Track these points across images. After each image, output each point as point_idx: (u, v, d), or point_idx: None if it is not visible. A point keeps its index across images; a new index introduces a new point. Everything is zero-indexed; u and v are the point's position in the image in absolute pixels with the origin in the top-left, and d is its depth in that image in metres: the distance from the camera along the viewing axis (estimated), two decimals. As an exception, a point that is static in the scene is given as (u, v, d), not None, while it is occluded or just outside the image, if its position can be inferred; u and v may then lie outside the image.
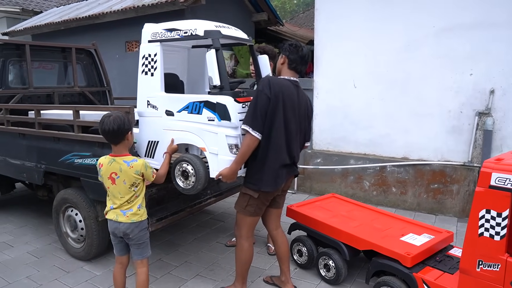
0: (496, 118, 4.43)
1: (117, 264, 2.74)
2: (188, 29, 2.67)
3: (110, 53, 7.58)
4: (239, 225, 2.80)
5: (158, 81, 2.84)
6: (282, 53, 2.69)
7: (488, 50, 4.40)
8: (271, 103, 2.47)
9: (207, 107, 2.58)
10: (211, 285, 3.20)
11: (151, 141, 2.95)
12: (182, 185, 2.75)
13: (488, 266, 2.19)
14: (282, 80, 2.61)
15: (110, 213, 2.58)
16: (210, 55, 2.51)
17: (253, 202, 2.68)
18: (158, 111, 2.86)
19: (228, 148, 2.53)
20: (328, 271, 3.18)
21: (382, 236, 2.99)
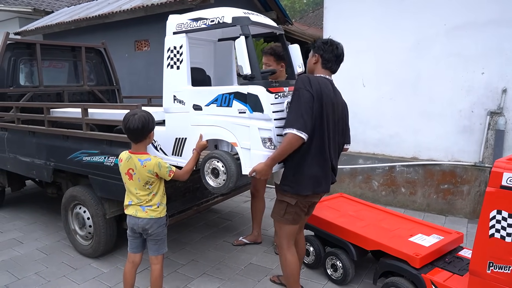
0: (508, 117, 4.35)
1: (128, 263, 2.73)
2: (215, 17, 2.53)
3: (119, 52, 7.62)
4: (279, 235, 2.63)
5: (184, 74, 2.71)
6: (315, 51, 2.50)
7: (501, 48, 4.32)
8: (314, 100, 2.30)
9: (237, 98, 2.44)
10: (218, 283, 3.19)
11: (179, 138, 2.81)
12: (213, 184, 2.62)
13: (499, 268, 2.15)
14: (320, 78, 2.44)
15: (129, 208, 2.61)
16: (239, 43, 2.37)
17: (291, 209, 2.51)
18: (185, 106, 2.73)
19: (261, 142, 2.38)
20: (336, 271, 3.15)
21: (391, 236, 2.95)
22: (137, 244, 2.70)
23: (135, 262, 2.73)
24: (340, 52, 2.49)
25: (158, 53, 7.38)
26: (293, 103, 2.32)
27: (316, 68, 2.52)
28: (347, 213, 3.43)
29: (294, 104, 2.31)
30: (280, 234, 2.61)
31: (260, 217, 3.90)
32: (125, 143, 3.00)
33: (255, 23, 2.59)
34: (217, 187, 2.60)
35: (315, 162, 2.41)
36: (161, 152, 2.92)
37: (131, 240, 2.69)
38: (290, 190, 2.46)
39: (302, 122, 2.25)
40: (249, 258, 3.63)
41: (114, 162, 3.10)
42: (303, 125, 2.25)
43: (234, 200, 4.78)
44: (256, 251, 3.76)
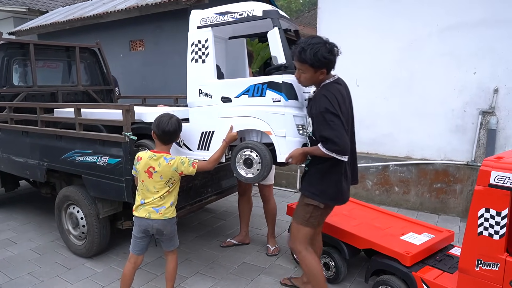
0: (500, 117, 4.39)
1: (130, 263, 2.72)
2: (243, 11, 2.57)
3: (114, 52, 7.61)
4: (298, 238, 2.57)
5: (211, 67, 2.74)
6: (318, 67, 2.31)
7: (493, 48, 4.35)
8: (343, 120, 2.27)
9: (271, 88, 2.49)
10: (211, 283, 3.20)
11: (206, 131, 2.83)
12: (246, 175, 2.63)
13: (487, 266, 2.17)
14: (334, 88, 2.34)
15: (141, 211, 2.60)
16: (273, 34, 2.44)
17: (317, 213, 2.49)
18: (212, 99, 2.74)
19: (296, 128, 2.46)
20: (328, 270, 3.17)
21: (382, 235, 2.98)
22: (143, 246, 2.71)
23: (136, 263, 2.74)
24: (336, 52, 2.36)
25: (153, 53, 7.42)
26: (323, 125, 2.25)
27: (320, 79, 2.39)
28: (340, 212, 3.43)
29: (327, 128, 2.23)
30: (299, 237, 2.57)
31: (248, 217, 3.89)
32: (118, 142, 3.02)
33: (282, 17, 2.62)
34: (251, 178, 2.62)
35: (342, 173, 2.41)
36: (185, 148, 2.95)
37: (139, 242, 2.68)
38: (318, 199, 2.44)
39: (341, 146, 2.22)
40: (243, 257, 3.64)
41: (107, 162, 3.11)
42: (345, 149, 2.24)
43: (228, 199, 4.79)
44: (249, 251, 3.77)
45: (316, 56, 2.26)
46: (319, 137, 2.28)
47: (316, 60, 2.27)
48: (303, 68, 2.34)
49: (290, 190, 5.76)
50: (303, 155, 2.42)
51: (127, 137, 2.91)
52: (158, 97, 5.90)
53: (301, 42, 2.33)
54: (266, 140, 2.61)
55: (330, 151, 2.23)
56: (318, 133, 2.29)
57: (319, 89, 2.38)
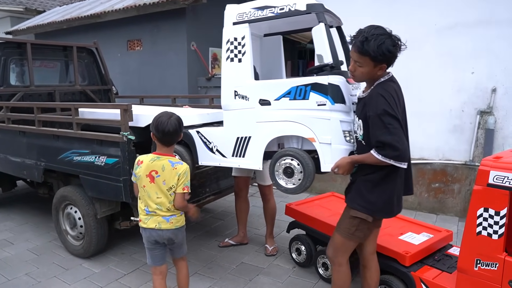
0: (498, 117, 4.40)
1: (156, 276, 2.56)
2: (284, 5, 2.36)
3: (111, 52, 7.58)
4: (340, 250, 2.37)
5: (247, 67, 2.53)
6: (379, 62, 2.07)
7: (490, 48, 4.36)
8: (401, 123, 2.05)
9: (315, 90, 2.27)
10: (209, 283, 3.19)
11: (241, 137, 2.62)
12: (285, 185, 2.44)
13: (486, 265, 2.17)
14: (390, 87, 2.12)
15: (150, 221, 2.41)
16: (318, 30, 2.24)
17: (364, 226, 2.26)
18: (249, 101, 2.54)
19: (342, 135, 2.25)
20: (326, 270, 3.17)
21: (381, 235, 2.93)
22: (161, 255, 2.54)
23: (163, 273, 2.58)
24: (401, 46, 2.13)
25: (151, 53, 7.39)
26: (380, 129, 2.01)
27: (377, 75, 2.15)
28: (338, 211, 3.41)
29: (385, 132, 2.00)
30: (342, 250, 2.36)
31: (245, 217, 3.88)
32: (116, 142, 3.00)
33: (328, 12, 2.43)
34: (291, 188, 2.43)
35: (400, 183, 2.22)
36: (218, 154, 2.76)
37: (154, 253, 2.51)
38: (366, 212, 2.19)
39: (403, 150, 2.01)
40: (241, 257, 3.63)
41: (105, 162, 3.09)
42: (405, 155, 2.04)
43: (227, 199, 4.77)
44: (248, 251, 3.77)
45: (380, 49, 2.01)
46: (375, 143, 2.04)
47: (379, 53, 2.02)
48: (361, 61, 2.08)
49: (288, 190, 5.75)
50: (351, 164, 2.20)
51: (125, 137, 2.90)
52: (156, 97, 5.89)
53: (363, 31, 2.07)
54: (307, 147, 2.43)
55: (387, 157, 2.00)
56: (374, 138, 2.04)
57: (373, 88, 2.13)
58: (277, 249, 3.71)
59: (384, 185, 2.15)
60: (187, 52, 6.89)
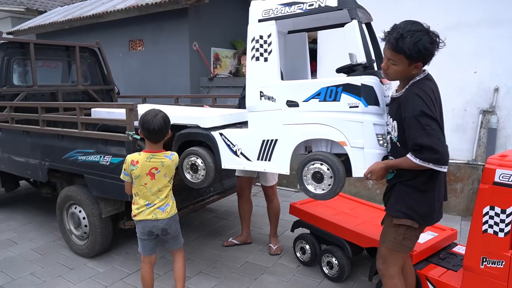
0: (501, 116, 4.41)
1: (145, 264, 2.70)
2: (314, 1, 2.23)
3: (113, 52, 7.59)
4: (390, 262, 2.21)
5: (274, 66, 2.41)
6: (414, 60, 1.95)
7: (493, 47, 4.37)
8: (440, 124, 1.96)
9: (347, 91, 2.15)
10: (215, 282, 3.20)
11: (267, 140, 2.50)
12: (314, 190, 2.33)
13: (492, 263, 2.18)
14: (427, 86, 1.99)
15: (146, 213, 2.52)
16: (351, 28, 2.12)
17: (411, 233, 2.12)
18: (276, 103, 2.42)
19: (376, 139, 2.14)
20: (331, 269, 3.17)
21: (386, 233, 2.98)
22: (152, 246, 2.68)
23: (151, 262, 2.72)
24: (438, 44, 1.98)
25: (153, 52, 7.41)
26: (418, 130, 1.89)
27: (412, 74, 2.04)
28: (343, 211, 3.45)
29: (424, 133, 1.88)
30: (390, 261, 2.21)
31: (248, 217, 3.89)
32: (121, 142, 3.01)
33: (360, 7, 2.30)
34: (320, 194, 2.31)
35: (441, 188, 2.12)
36: (242, 157, 2.64)
37: (147, 243, 2.65)
38: (413, 217, 2.06)
39: (442, 154, 1.88)
40: (245, 256, 3.64)
41: (109, 161, 3.10)
42: (446, 158, 1.91)
43: (230, 199, 4.78)
44: (252, 250, 3.78)
45: (416, 46, 1.89)
46: (413, 146, 1.92)
47: (415, 51, 1.89)
48: (396, 59, 1.97)
49: (291, 190, 5.77)
50: (385, 169, 2.08)
51: (131, 136, 2.90)
52: (158, 97, 5.89)
53: (399, 27, 1.95)
54: (336, 151, 2.32)
55: (426, 161, 1.88)
56: (411, 140, 1.93)
57: (409, 87, 2.02)
58: (281, 248, 3.72)
59: (426, 191, 2.04)
60: (189, 52, 6.90)
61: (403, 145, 2.03)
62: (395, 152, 2.12)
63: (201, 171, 2.78)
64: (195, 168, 2.79)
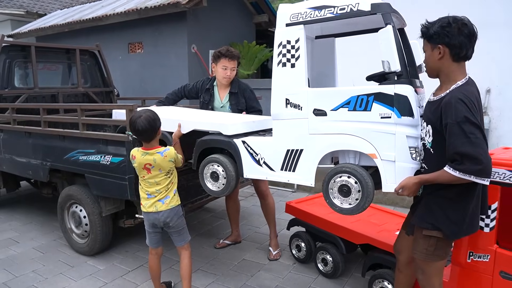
0: (493, 117, 4.51)
1: (152, 255, 2.87)
2: (346, 5, 2.12)
3: (113, 54, 7.69)
4: (429, 275, 2.13)
5: (302, 73, 2.30)
6: (434, 42, 1.95)
7: (484, 50, 4.45)
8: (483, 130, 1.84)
9: (379, 100, 2.03)
10: (212, 278, 3.28)
11: (292, 149, 2.39)
12: (341, 205, 2.21)
13: (478, 257, 2.26)
14: (469, 91, 1.89)
15: (149, 205, 2.70)
16: (386, 33, 1.99)
17: (442, 243, 2.04)
18: (302, 111, 2.30)
19: (409, 152, 2.01)
20: (326, 265, 3.26)
21: (378, 230, 3.07)
22: (158, 239, 2.84)
23: (158, 254, 2.89)
24: (471, 28, 1.94)
25: (152, 55, 7.50)
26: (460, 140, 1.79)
27: (445, 65, 1.98)
28: (337, 209, 3.53)
29: (466, 143, 1.77)
30: (430, 272, 2.13)
31: (237, 217, 3.96)
32: (121, 142, 3.10)
33: (395, 12, 2.21)
34: (347, 208, 2.19)
35: (478, 197, 2.01)
36: (265, 167, 2.52)
37: (152, 236, 2.82)
38: (445, 231, 1.98)
39: (486, 163, 1.78)
40: (242, 254, 3.73)
41: (110, 161, 3.18)
42: (489, 170, 1.80)
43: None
44: (249, 248, 3.86)
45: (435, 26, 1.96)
46: (453, 155, 1.81)
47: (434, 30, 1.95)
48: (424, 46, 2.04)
49: (288, 190, 5.85)
50: (418, 185, 1.97)
51: (130, 136, 2.98)
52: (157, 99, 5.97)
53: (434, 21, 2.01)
54: (365, 163, 2.20)
55: (467, 173, 1.77)
56: (452, 149, 1.81)
57: (450, 91, 1.92)
58: (281, 254, 3.68)
59: (458, 202, 1.95)
60: (188, 55, 7.00)
61: (437, 152, 1.95)
62: (428, 158, 2.03)
63: (221, 179, 2.68)
64: (216, 176, 2.70)
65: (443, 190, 1.94)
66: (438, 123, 1.90)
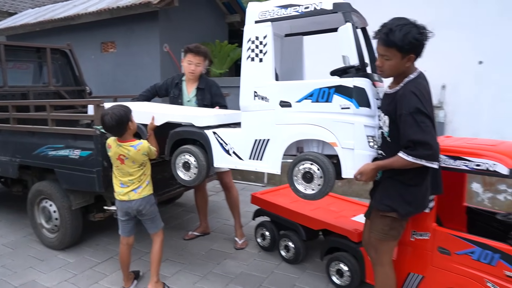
0: (448, 111, 4.79)
1: (123, 245, 2.98)
2: (310, 4, 2.27)
3: (85, 54, 7.70)
4: (380, 251, 2.35)
5: (269, 67, 2.44)
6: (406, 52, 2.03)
7: (438, 49, 4.73)
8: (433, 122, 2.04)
9: (339, 93, 2.18)
10: (179, 267, 3.41)
11: (259, 139, 2.53)
12: (304, 190, 2.35)
13: (420, 236, 2.48)
14: (421, 85, 2.08)
15: (122, 195, 2.82)
16: (345, 30, 2.15)
17: (398, 223, 2.24)
18: (269, 103, 2.45)
19: (366, 140, 2.18)
20: (288, 252, 3.43)
21: (336, 217, 3.26)
22: (130, 227, 2.96)
23: (129, 243, 2.99)
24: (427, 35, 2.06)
25: (124, 54, 7.55)
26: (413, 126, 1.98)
27: (406, 67, 2.11)
28: (300, 199, 3.69)
29: (418, 130, 1.96)
30: (382, 250, 2.34)
31: (205, 209, 4.11)
32: (89, 136, 3.19)
33: (355, 11, 2.35)
34: (310, 194, 2.33)
35: (432, 178, 2.23)
36: (234, 156, 2.66)
37: (125, 224, 2.93)
38: (401, 211, 2.18)
39: (433, 152, 1.99)
40: (210, 244, 3.87)
41: (79, 155, 3.27)
42: (437, 154, 2.04)
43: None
44: (217, 239, 4.01)
45: (406, 38, 1.98)
46: (406, 142, 2.00)
47: (406, 43, 1.99)
48: (388, 53, 2.06)
49: (258, 185, 6.02)
50: (375, 171, 2.14)
51: (98, 131, 3.08)
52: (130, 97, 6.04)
53: (387, 24, 2.07)
54: (328, 152, 2.33)
55: (419, 157, 1.97)
56: (405, 137, 2.01)
57: (404, 85, 2.10)
58: (247, 243, 3.85)
59: (413, 185, 2.16)
60: (160, 54, 7.09)
61: (394, 140, 2.12)
62: (386, 146, 2.20)
63: (193, 169, 2.80)
64: (188, 166, 2.82)
65: (398, 175, 2.13)
66: (394, 114, 2.08)
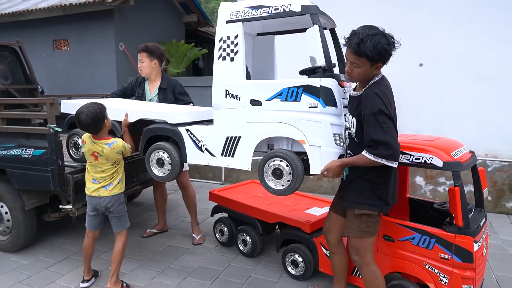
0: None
1: (88, 237, 3.01)
2: (279, 5, 2.34)
3: (37, 51, 7.45)
4: (362, 250, 2.38)
5: (240, 66, 2.51)
6: (376, 61, 2.11)
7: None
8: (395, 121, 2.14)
9: (307, 92, 2.27)
10: (137, 264, 3.44)
11: (231, 137, 2.61)
12: (274, 186, 2.44)
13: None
14: (384, 86, 2.17)
15: (92, 190, 2.84)
16: (312, 32, 2.23)
17: (372, 219, 2.33)
18: (240, 101, 2.52)
19: (333, 138, 2.27)
20: (245, 246, 3.55)
21: (290, 210, 3.42)
22: (97, 222, 2.98)
23: (94, 236, 3.03)
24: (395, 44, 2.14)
25: (78, 52, 7.39)
26: (375, 127, 2.08)
27: (373, 74, 2.20)
28: (256, 195, 3.84)
29: (380, 131, 2.06)
30: (363, 249, 2.38)
31: (164, 206, 4.16)
32: (43, 134, 3.15)
33: (323, 14, 2.44)
34: (280, 190, 2.43)
35: (395, 176, 2.34)
36: (207, 153, 2.74)
37: (93, 219, 2.96)
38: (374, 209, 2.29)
39: (394, 153, 2.08)
40: (168, 241, 3.93)
41: (32, 154, 3.22)
42: (398, 155, 2.12)
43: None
44: (175, 235, 4.07)
45: (376, 49, 2.05)
46: (369, 141, 2.10)
47: (376, 53, 2.05)
48: (358, 62, 2.13)
49: (216, 183, 6.11)
50: (340, 167, 2.24)
51: (52, 129, 3.06)
52: (84, 96, 5.94)
53: (358, 32, 2.12)
54: (297, 149, 2.42)
55: (380, 157, 2.07)
56: (368, 136, 2.11)
57: (369, 87, 2.19)
58: (204, 238, 3.94)
59: (381, 183, 2.27)
60: (116, 53, 7.00)
61: (361, 141, 2.21)
62: (353, 147, 2.30)
63: (167, 165, 2.87)
64: (161, 162, 2.88)
65: (367, 174, 2.25)
66: (360, 115, 2.18)
